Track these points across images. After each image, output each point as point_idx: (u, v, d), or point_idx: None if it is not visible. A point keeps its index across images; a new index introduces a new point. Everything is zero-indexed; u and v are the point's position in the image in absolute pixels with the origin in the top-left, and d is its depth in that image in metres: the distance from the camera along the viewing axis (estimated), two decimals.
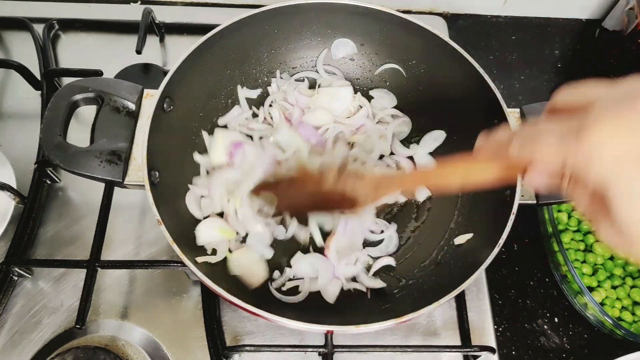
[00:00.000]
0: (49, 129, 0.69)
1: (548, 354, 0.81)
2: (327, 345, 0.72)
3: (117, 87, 0.73)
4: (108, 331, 0.76)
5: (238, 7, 1.12)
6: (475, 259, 0.66)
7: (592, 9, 1.15)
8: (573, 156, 0.33)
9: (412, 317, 0.61)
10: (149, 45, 0.96)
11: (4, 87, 0.98)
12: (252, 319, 0.78)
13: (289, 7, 0.82)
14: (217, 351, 0.74)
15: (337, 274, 0.76)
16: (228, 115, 0.87)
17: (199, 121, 0.84)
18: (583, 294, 0.76)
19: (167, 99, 0.74)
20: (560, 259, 0.80)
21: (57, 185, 0.87)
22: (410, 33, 0.82)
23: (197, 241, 0.75)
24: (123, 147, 0.70)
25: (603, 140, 0.31)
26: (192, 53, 0.75)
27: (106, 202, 0.76)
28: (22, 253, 0.80)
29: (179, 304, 0.78)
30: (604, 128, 0.31)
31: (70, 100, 0.71)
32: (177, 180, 0.77)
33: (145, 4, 1.09)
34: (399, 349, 0.74)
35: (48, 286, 0.79)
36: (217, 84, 0.86)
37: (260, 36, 0.86)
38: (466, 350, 0.76)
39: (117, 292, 0.79)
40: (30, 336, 0.75)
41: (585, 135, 0.31)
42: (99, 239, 0.73)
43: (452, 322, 0.80)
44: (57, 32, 1.04)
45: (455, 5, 1.15)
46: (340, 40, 0.91)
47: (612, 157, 0.31)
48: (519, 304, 0.85)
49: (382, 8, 0.82)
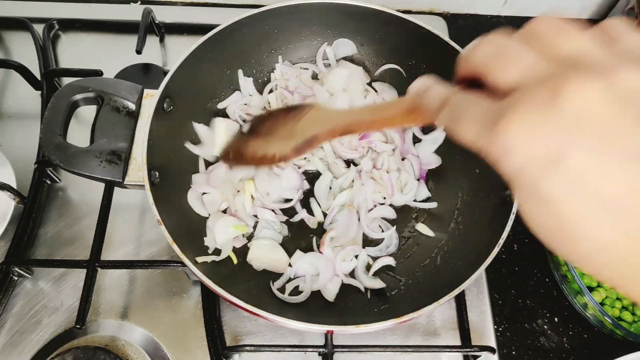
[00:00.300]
0: (49, 129, 0.69)
1: (548, 354, 0.81)
2: (327, 345, 0.72)
3: (117, 87, 0.73)
4: (108, 331, 0.76)
5: (238, 7, 1.12)
6: (475, 259, 0.66)
7: (592, 9, 1.15)
8: (488, 147, 0.31)
9: (412, 317, 0.61)
10: (149, 45, 0.96)
11: (4, 87, 0.98)
12: (252, 319, 0.78)
13: (289, 7, 0.82)
14: (217, 351, 0.74)
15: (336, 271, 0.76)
16: (228, 99, 0.87)
17: (199, 121, 0.84)
18: (583, 294, 0.76)
19: (167, 99, 0.74)
20: (560, 259, 0.80)
21: (57, 185, 0.87)
22: (410, 33, 0.82)
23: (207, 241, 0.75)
24: (123, 147, 0.70)
25: (516, 140, 0.29)
26: (192, 53, 0.75)
27: (106, 202, 0.76)
28: (22, 253, 0.80)
29: (179, 304, 0.78)
30: (520, 126, 0.28)
31: (70, 100, 0.71)
32: (177, 180, 0.77)
33: (145, 4, 1.09)
34: (399, 349, 0.74)
35: (48, 286, 0.79)
36: (217, 84, 0.86)
37: (260, 36, 0.86)
38: (466, 350, 0.76)
39: (117, 292, 0.79)
40: (30, 336, 0.75)
41: (501, 129, 0.29)
42: (99, 239, 0.73)
43: (452, 322, 0.80)
44: (57, 32, 1.04)
45: (455, 5, 1.15)
46: (340, 40, 0.91)
47: (522, 159, 0.29)
48: (519, 304, 0.85)
49: (382, 8, 0.82)
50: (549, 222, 0.30)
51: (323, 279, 0.75)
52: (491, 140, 0.30)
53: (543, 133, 0.28)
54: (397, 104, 0.46)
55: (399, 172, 0.84)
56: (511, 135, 0.29)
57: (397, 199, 0.83)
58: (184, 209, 0.77)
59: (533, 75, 0.30)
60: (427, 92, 0.39)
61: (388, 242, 0.81)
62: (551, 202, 0.29)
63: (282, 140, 0.59)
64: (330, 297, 0.75)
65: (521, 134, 0.28)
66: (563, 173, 0.28)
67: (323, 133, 0.54)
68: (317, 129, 0.55)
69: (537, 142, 0.28)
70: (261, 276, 0.76)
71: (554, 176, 0.28)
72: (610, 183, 0.27)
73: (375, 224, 0.82)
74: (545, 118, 0.28)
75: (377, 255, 0.80)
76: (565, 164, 0.27)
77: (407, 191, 0.83)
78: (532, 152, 0.28)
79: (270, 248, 0.77)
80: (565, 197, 0.28)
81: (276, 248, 0.78)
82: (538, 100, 0.28)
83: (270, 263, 0.77)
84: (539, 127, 0.28)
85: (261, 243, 0.77)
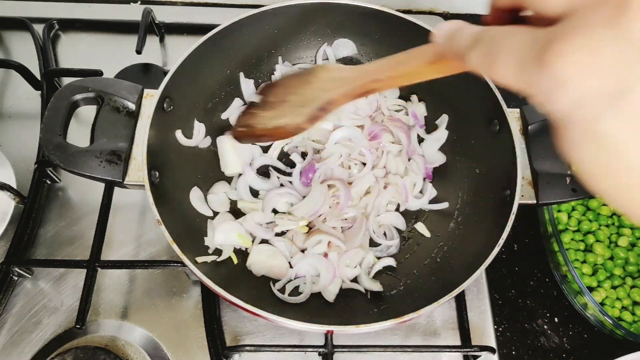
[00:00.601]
0: (49, 129, 0.69)
1: (548, 354, 0.81)
2: (327, 345, 0.72)
3: (117, 87, 0.73)
4: (108, 331, 0.76)
5: (238, 7, 1.12)
6: (475, 259, 0.66)
7: None
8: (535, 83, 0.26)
9: (412, 317, 0.61)
10: (149, 45, 0.96)
11: (4, 87, 0.98)
12: (252, 319, 0.78)
13: (289, 7, 0.82)
14: (217, 351, 0.74)
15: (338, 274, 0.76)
16: (230, 108, 0.87)
17: (199, 121, 0.84)
18: (583, 294, 0.76)
19: (167, 99, 0.74)
20: (560, 259, 0.80)
21: (57, 185, 0.87)
22: (410, 33, 0.82)
23: (208, 240, 0.75)
24: (123, 147, 0.70)
25: (570, 72, 0.24)
26: (192, 53, 0.75)
27: (106, 202, 0.76)
28: (22, 253, 0.80)
29: (179, 304, 0.78)
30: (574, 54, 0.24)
31: (70, 100, 0.71)
32: (178, 180, 0.77)
33: (145, 4, 1.09)
34: (399, 349, 0.74)
35: (48, 286, 0.79)
36: (217, 84, 0.86)
37: (260, 36, 0.86)
38: (466, 350, 0.75)
39: (117, 292, 0.79)
40: (30, 336, 0.75)
41: (550, 59, 0.24)
42: (99, 239, 0.73)
43: (452, 322, 0.80)
44: (57, 32, 1.04)
45: (455, 5, 1.15)
46: (340, 40, 0.91)
47: (577, 94, 0.24)
48: (519, 304, 0.85)
49: (382, 8, 0.82)
50: (607, 166, 0.26)
51: (323, 280, 0.74)
52: (537, 74, 0.25)
53: (604, 61, 0.23)
54: (419, 54, 0.41)
55: (407, 174, 0.84)
56: (564, 66, 0.24)
57: (412, 204, 0.82)
58: (184, 209, 0.77)
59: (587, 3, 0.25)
60: (456, 34, 0.34)
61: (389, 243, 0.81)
62: (612, 144, 0.25)
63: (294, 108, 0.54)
64: (330, 298, 0.74)
65: (576, 64, 0.24)
66: (628, 110, 0.23)
67: (339, 96, 0.49)
68: (332, 92, 0.49)
69: (597, 72, 0.24)
70: (261, 276, 0.76)
71: (616, 113, 0.24)
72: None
73: (382, 230, 0.81)
74: (607, 43, 0.23)
75: (378, 255, 0.80)
76: (631, 99, 0.23)
77: (420, 195, 0.83)
78: (590, 85, 0.24)
79: (271, 254, 0.77)
80: (630, 137, 0.24)
81: (276, 254, 0.77)
82: (597, 21, 0.23)
83: (270, 269, 0.76)
84: (599, 55, 0.23)
85: (261, 249, 0.77)
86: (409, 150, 0.86)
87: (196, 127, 0.83)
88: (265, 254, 0.76)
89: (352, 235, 0.78)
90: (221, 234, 0.75)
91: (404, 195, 0.82)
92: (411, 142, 0.86)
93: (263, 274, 0.76)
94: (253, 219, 0.78)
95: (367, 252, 0.78)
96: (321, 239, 0.76)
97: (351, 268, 0.77)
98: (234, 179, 0.83)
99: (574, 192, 0.70)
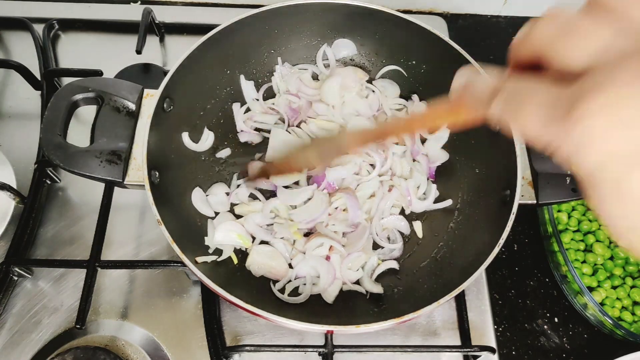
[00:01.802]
0: (49, 129, 0.69)
1: (548, 354, 0.81)
2: (327, 345, 0.72)
3: (117, 87, 0.73)
4: (108, 331, 0.76)
5: (238, 7, 1.12)
6: (475, 259, 0.66)
7: None
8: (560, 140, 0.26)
9: (412, 317, 0.61)
10: (149, 45, 0.96)
11: (4, 87, 0.98)
12: (252, 319, 0.78)
13: (289, 7, 0.82)
14: (217, 351, 0.74)
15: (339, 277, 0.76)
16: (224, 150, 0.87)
17: (199, 121, 0.84)
18: (583, 294, 0.76)
19: (167, 99, 0.74)
20: (560, 259, 0.80)
21: (57, 185, 0.87)
22: (410, 33, 0.82)
23: (208, 240, 0.75)
24: (123, 147, 0.70)
25: (597, 132, 0.24)
26: (192, 53, 0.75)
27: (106, 202, 0.76)
28: (22, 253, 0.79)
29: (179, 304, 0.78)
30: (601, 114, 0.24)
31: (70, 100, 0.71)
32: (177, 180, 0.77)
33: (145, 4, 1.09)
34: (399, 349, 0.74)
35: (48, 286, 0.79)
36: (217, 84, 0.86)
37: (260, 36, 0.86)
38: (466, 350, 0.75)
39: (117, 292, 0.79)
40: (30, 336, 0.75)
41: (576, 119, 0.24)
42: (98, 239, 0.73)
43: (452, 322, 0.80)
44: (57, 32, 1.04)
45: (455, 5, 1.15)
46: (340, 40, 0.91)
47: (604, 154, 0.24)
48: (519, 304, 0.85)
49: (382, 8, 0.82)
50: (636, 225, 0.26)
51: (323, 282, 0.74)
52: (563, 132, 0.25)
53: (631, 120, 0.23)
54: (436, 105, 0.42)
55: (412, 175, 0.83)
56: (590, 126, 0.24)
57: (416, 207, 0.82)
58: (184, 209, 0.77)
59: (611, 53, 0.25)
60: (473, 84, 0.34)
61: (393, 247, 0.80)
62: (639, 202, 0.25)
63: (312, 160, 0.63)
64: (329, 300, 0.74)
65: (603, 125, 0.24)
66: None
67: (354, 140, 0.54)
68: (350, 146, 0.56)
69: (624, 131, 0.23)
70: (261, 277, 0.76)
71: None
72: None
73: (386, 234, 0.81)
74: (633, 101, 0.23)
75: (381, 258, 0.79)
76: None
77: (424, 197, 0.83)
78: (617, 145, 0.24)
79: (270, 254, 0.76)
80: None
81: (276, 255, 0.77)
82: (623, 77, 0.24)
83: (269, 270, 0.76)
84: (626, 113, 0.23)
85: (261, 249, 0.77)
86: (413, 150, 0.86)
87: (205, 134, 0.83)
88: (264, 255, 0.76)
89: (355, 239, 0.78)
90: (221, 234, 0.75)
91: (407, 199, 0.82)
92: (415, 142, 0.86)
93: (262, 274, 0.76)
94: (253, 220, 0.78)
95: (370, 255, 0.78)
96: (323, 242, 0.76)
97: (354, 271, 0.77)
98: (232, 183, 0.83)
99: (574, 192, 0.70)
